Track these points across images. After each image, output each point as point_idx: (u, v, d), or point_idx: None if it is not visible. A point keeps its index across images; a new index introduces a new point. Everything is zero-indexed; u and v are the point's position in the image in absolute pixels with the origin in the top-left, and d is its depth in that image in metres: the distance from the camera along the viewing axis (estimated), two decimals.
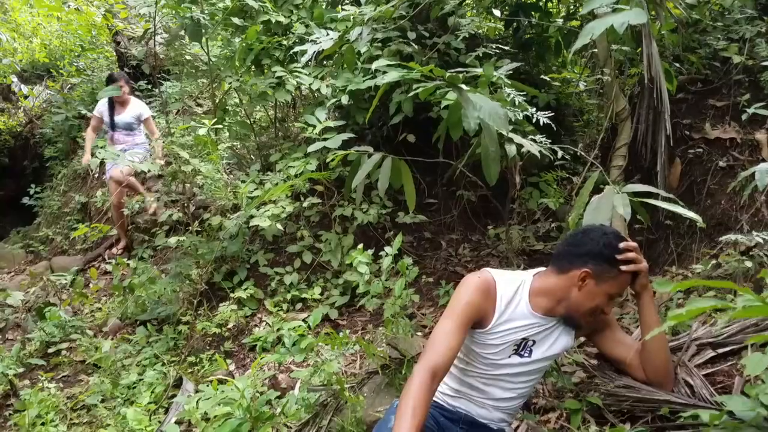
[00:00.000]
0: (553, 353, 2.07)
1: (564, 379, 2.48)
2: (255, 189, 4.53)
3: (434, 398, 2.02)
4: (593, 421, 2.28)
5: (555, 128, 3.52)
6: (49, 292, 5.58)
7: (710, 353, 2.24)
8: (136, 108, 6.31)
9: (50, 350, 4.53)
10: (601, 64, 3.71)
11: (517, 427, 2.33)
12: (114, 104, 6.24)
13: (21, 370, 4.09)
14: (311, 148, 4.10)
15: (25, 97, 9.98)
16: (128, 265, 5.08)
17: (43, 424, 3.54)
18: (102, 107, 6.31)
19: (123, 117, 6.24)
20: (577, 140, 4.61)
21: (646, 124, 3.50)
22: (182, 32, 5.21)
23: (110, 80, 6.19)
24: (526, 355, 2.04)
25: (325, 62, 4.81)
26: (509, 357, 2.03)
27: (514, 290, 2.03)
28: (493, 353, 2.03)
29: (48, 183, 8.55)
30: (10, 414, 3.80)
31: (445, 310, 2.00)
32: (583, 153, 3.61)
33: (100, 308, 5.20)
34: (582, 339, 2.57)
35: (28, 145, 9.65)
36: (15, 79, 10.14)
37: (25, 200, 8.27)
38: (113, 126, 6.24)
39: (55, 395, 3.82)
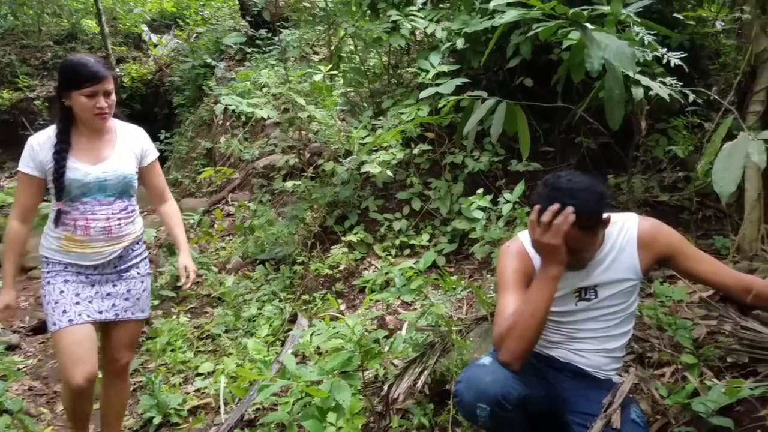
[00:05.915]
0: (621, 288, 1.99)
1: (681, 333, 2.36)
2: (367, 135, 4.58)
3: (534, 349, 2.00)
4: (711, 375, 2.18)
5: (687, 71, 3.25)
6: None
7: None
8: (132, 140, 2.77)
9: (179, 283, 4.88)
10: (740, 1, 3.37)
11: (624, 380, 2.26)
12: (68, 138, 2.49)
13: (156, 302, 4.42)
14: (423, 94, 4.06)
15: (155, 46, 10.56)
16: (249, 207, 5.36)
17: (172, 350, 3.84)
18: (42, 152, 2.47)
19: (106, 165, 2.58)
20: (712, 84, 4.23)
21: None
22: None
23: (74, 72, 2.39)
24: (592, 297, 2.01)
25: (441, 5, 4.70)
26: (576, 304, 2.02)
27: None
28: (559, 306, 2.01)
29: (177, 129, 9.08)
30: (143, 341, 4.11)
31: (497, 289, 2.04)
32: (717, 97, 3.32)
33: (223, 247, 5.55)
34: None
35: (158, 92, 10.25)
36: (145, 29, 10.74)
37: (156, 145, 8.82)
38: (63, 194, 2.48)
39: (183, 325, 4.13)
